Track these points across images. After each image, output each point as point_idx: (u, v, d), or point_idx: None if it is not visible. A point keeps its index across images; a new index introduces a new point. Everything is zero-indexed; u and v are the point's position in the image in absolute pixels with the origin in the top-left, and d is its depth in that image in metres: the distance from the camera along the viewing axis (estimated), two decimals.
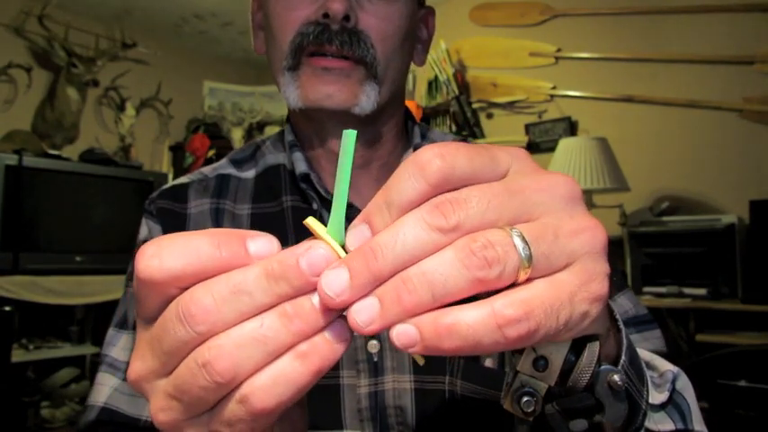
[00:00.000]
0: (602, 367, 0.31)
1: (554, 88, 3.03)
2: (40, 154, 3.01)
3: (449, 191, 0.26)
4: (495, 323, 0.24)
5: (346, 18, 0.60)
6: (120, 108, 3.67)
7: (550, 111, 3.06)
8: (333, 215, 0.27)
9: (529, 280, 0.26)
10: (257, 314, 0.26)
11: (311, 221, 0.28)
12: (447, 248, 0.25)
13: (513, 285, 0.25)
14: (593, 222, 0.27)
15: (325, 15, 0.60)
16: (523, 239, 0.25)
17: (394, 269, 0.25)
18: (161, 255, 0.27)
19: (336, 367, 0.59)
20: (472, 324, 0.24)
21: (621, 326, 0.35)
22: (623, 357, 0.34)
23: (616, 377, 0.31)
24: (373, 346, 0.60)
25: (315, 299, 0.26)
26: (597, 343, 0.30)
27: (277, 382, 0.26)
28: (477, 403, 0.59)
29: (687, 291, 2.26)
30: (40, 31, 3.22)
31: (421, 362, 0.28)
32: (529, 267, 0.25)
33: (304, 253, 0.26)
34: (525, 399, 0.29)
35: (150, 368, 0.28)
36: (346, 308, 0.25)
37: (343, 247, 0.27)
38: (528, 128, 3.12)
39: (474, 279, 0.24)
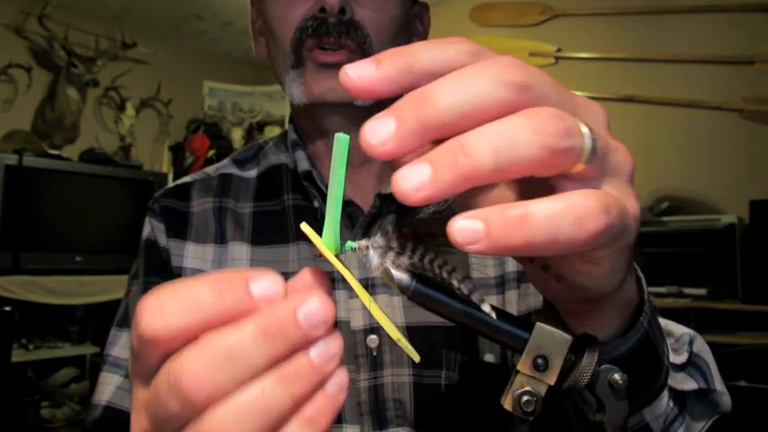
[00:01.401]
0: (603, 366, 0.31)
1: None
2: (40, 154, 3.01)
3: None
4: (573, 215, 0.22)
5: (342, 11, 0.61)
6: (120, 108, 3.67)
7: None
8: (328, 218, 0.27)
9: (583, 177, 0.24)
10: (253, 377, 0.24)
11: (306, 228, 0.28)
12: (516, 114, 0.22)
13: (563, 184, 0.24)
14: (626, 147, 0.27)
15: (322, 10, 0.61)
16: (589, 129, 0.23)
17: (448, 122, 0.22)
18: (163, 310, 0.24)
19: None
20: (548, 215, 0.22)
21: (640, 274, 0.35)
22: (646, 305, 0.35)
23: (617, 376, 0.31)
24: (372, 340, 0.61)
25: (312, 353, 0.24)
26: (597, 342, 0.30)
27: None
28: (476, 398, 0.60)
29: (687, 291, 2.26)
30: (40, 31, 3.22)
31: (416, 358, 0.28)
32: (590, 159, 0.23)
33: (300, 305, 0.24)
34: (525, 399, 0.29)
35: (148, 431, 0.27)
36: (332, 371, 0.24)
37: (338, 255, 0.27)
38: None
39: (544, 147, 0.22)
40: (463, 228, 0.22)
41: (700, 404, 0.47)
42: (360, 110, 0.63)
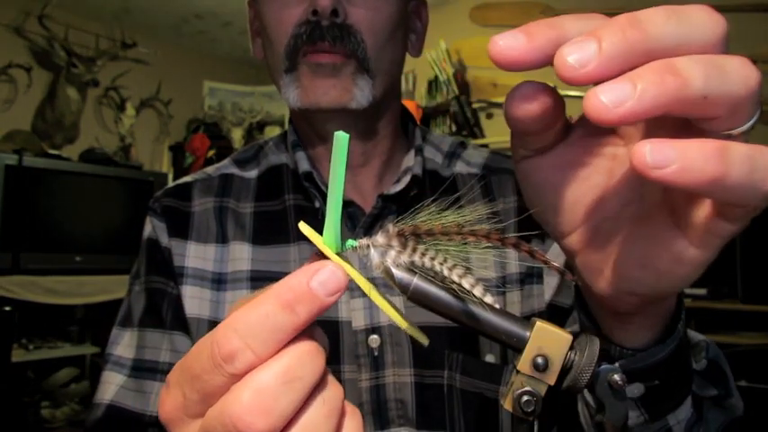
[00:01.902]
0: (603, 367, 0.31)
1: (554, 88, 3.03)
2: (40, 154, 3.01)
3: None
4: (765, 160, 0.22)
5: (335, 13, 0.61)
6: (120, 108, 3.67)
7: None
8: (328, 217, 0.27)
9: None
10: (305, 397, 0.24)
11: (304, 228, 0.28)
12: (725, 55, 0.23)
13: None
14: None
15: (314, 13, 0.61)
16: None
17: (657, 47, 0.22)
18: (249, 344, 0.24)
19: (337, 362, 0.60)
20: (746, 153, 0.22)
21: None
22: (683, 312, 0.35)
23: (616, 377, 0.31)
24: (374, 340, 0.61)
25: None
26: (597, 342, 0.30)
27: None
28: (477, 398, 0.60)
29: (687, 290, 2.25)
30: (40, 30, 3.22)
31: (425, 341, 0.28)
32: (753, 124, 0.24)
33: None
34: (525, 398, 0.29)
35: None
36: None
37: (339, 254, 0.27)
38: None
39: (749, 88, 0.22)
40: (656, 149, 0.21)
41: (714, 409, 0.47)
42: (355, 113, 0.63)
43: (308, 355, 0.24)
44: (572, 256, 0.34)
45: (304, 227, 0.28)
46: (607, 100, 0.20)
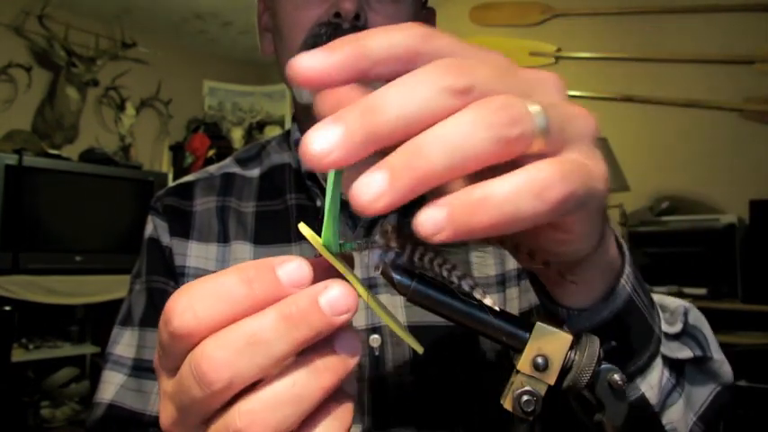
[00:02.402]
0: (603, 366, 0.31)
1: None
2: (40, 154, 3.01)
3: None
4: (532, 188, 0.22)
5: (356, 17, 0.61)
6: (120, 108, 3.67)
7: None
8: (327, 217, 0.27)
9: (543, 151, 0.24)
10: (276, 365, 0.25)
11: (304, 229, 0.28)
12: (462, 110, 0.22)
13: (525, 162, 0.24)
14: (586, 111, 0.26)
15: (337, 15, 0.61)
16: (540, 106, 0.23)
17: (395, 130, 0.22)
18: (193, 307, 0.25)
19: None
20: (507, 193, 0.22)
21: (622, 241, 0.37)
22: (627, 268, 0.36)
23: (616, 376, 0.31)
24: (375, 340, 0.61)
25: (337, 345, 0.25)
26: (597, 342, 0.30)
27: None
28: (477, 397, 0.60)
29: (687, 290, 2.26)
30: (40, 30, 3.21)
31: (420, 350, 0.28)
32: (545, 135, 0.23)
33: (322, 292, 0.25)
34: (525, 398, 0.29)
35: (177, 420, 0.28)
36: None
37: (336, 255, 0.27)
38: None
39: (496, 138, 0.22)
40: (426, 219, 0.21)
41: (700, 374, 0.47)
42: None
43: (280, 328, 0.24)
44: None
45: (304, 228, 0.28)
46: (366, 197, 0.21)
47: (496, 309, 0.29)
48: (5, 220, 2.68)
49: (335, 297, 0.24)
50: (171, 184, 0.74)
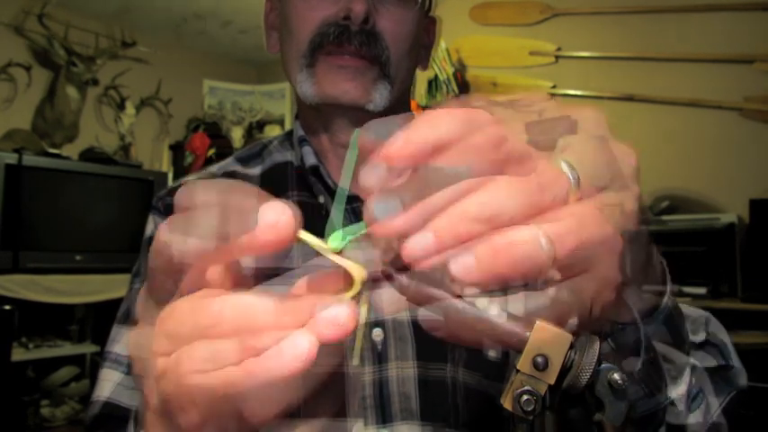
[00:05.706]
0: (603, 366, 0.31)
1: (554, 87, 3.03)
2: (40, 153, 3.00)
3: None
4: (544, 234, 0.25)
5: (365, 20, 0.63)
6: (120, 107, 3.67)
7: None
8: (332, 215, 0.28)
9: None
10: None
11: (303, 235, 0.28)
12: (498, 179, 0.26)
13: None
14: (627, 148, 0.31)
15: (346, 17, 0.63)
16: (569, 165, 0.27)
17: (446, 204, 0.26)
18: (185, 239, 0.28)
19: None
20: (527, 240, 0.25)
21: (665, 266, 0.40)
22: (668, 285, 0.39)
23: (616, 376, 0.31)
24: (377, 334, 0.61)
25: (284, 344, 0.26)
26: (597, 341, 0.30)
27: None
28: (480, 392, 0.60)
29: (687, 290, 2.26)
30: (40, 29, 3.21)
31: (356, 362, 0.29)
32: (576, 191, 0.27)
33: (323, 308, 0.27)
34: (525, 398, 0.29)
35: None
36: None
37: (339, 253, 0.27)
38: None
39: (529, 203, 0.25)
40: (458, 264, 0.25)
41: (719, 381, 0.48)
42: (369, 114, 0.64)
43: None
44: None
45: (303, 234, 0.28)
46: (415, 254, 0.26)
47: (496, 308, 0.29)
48: (5, 219, 2.68)
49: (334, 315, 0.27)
50: (172, 183, 0.74)
